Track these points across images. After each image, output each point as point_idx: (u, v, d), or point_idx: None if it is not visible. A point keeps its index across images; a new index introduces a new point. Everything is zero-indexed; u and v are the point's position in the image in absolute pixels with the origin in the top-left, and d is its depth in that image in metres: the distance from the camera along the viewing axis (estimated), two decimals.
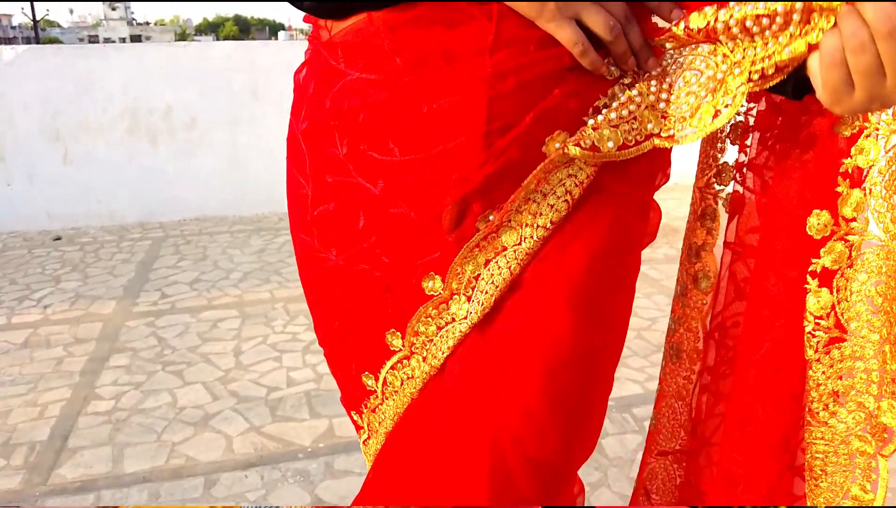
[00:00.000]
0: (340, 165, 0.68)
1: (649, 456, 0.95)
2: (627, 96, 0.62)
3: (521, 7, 0.59)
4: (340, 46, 0.67)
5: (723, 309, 0.83)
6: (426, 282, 0.67)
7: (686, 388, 0.90)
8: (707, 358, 0.86)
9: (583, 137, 0.60)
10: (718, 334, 0.84)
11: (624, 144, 0.62)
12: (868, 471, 0.73)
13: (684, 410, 0.91)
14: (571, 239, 0.64)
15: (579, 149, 0.60)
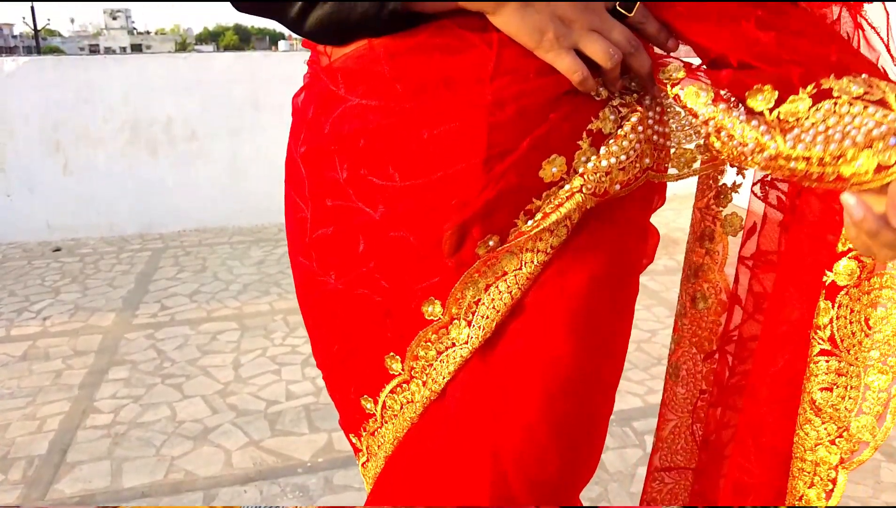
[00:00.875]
0: (340, 189, 0.68)
1: (655, 471, 0.96)
2: (630, 126, 0.62)
3: (519, 36, 0.60)
4: (341, 72, 0.67)
5: (740, 324, 0.84)
6: (426, 307, 0.67)
7: (700, 408, 0.91)
8: (720, 374, 0.86)
9: (599, 183, 0.61)
10: (735, 348, 0.85)
11: (626, 183, 0.63)
12: (827, 481, 0.73)
13: (693, 428, 0.92)
14: (571, 264, 0.65)
15: (595, 198, 0.62)
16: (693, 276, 0.86)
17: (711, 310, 0.86)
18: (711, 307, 0.86)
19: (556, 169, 0.62)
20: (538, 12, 0.59)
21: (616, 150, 0.62)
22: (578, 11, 0.60)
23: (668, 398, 0.94)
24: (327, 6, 0.62)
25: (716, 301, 0.86)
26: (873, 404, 0.68)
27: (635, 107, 0.63)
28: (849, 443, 0.71)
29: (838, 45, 0.59)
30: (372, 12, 0.60)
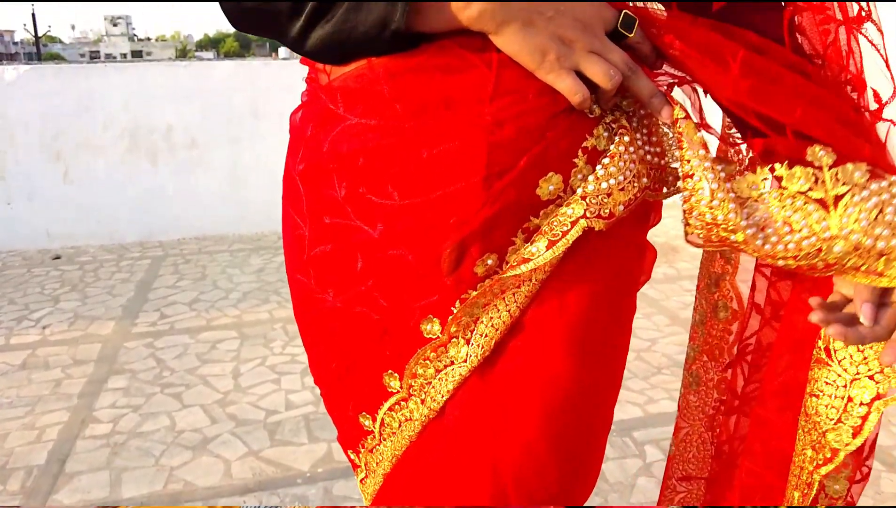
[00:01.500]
0: (339, 207, 0.68)
1: (670, 481, 0.96)
2: (623, 146, 0.63)
3: (520, 57, 0.60)
4: (340, 92, 0.67)
5: (757, 331, 0.84)
6: (424, 325, 0.67)
7: (715, 418, 0.91)
8: (735, 383, 0.87)
9: (602, 205, 0.62)
10: (752, 356, 0.85)
11: (628, 203, 0.63)
12: (806, 484, 0.74)
13: (704, 436, 0.92)
14: (570, 283, 0.65)
15: (603, 221, 0.62)
16: (714, 285, 0.87)
17: (725, 320, 0.87)
18: (729, 316, 0.87)
19: (552, 187, 0.63)
20: (540, 33, 0.59)
21: (614, 170, 0.62)
22: (579, 32, 0.60)
23: (682, 406, 0.95)
24: (328, 26, 0.62)
25: (730, 311, 0.87)
26: (853, 416, 0.68)
27: (626, 127, 0.64)
28: (822, 451, 0.71)
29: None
30: (374, 33, 0.60)
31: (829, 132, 0.59)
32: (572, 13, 0.60)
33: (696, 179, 0.60)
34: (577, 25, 0.60)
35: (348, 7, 0.60)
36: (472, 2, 0.58)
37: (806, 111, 0.60)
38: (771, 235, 0.59)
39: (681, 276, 3.44)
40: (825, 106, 0.61)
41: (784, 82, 0.61)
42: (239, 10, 0.67)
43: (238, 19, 0.69)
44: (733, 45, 0.60)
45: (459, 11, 0.59)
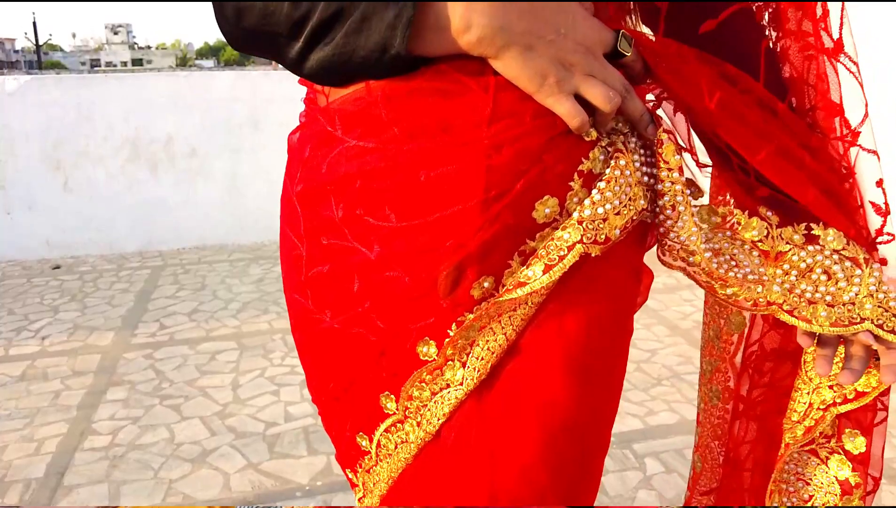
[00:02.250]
0: (336, 228, 0.68)
1: (693, 496, 0.97)
2: (619, 170, 0.63)
3: (520, 81, 0.60)
4: (338, 114, 0.67)
5: (760, 337, 0.85)
6: (421, 347, 0.66)
7: (721, 427, 0.92)
8: (740, 388, 0.88)
9: (597, 231, 0.62)
10: (755, 361, 0.86)
11: (625, 227, 0.63)
12: (780, 481, 0.79)
13: (721, 447, 0.93)
14: (567, 305, 0.65)
15: (599, 247, 0.62)
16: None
17: (749, 322, 0.88)
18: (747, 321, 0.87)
19: (549, 210, 0.63)
20: (540, 57, 0.59)
21: (610, 195, 0.62)
22: (579, 56, 0.60)
23: (705, 421, 0.95)
24: (328, 49, 0.62)
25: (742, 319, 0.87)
26: (808, 419, 0.74)
27: (622, 150, 0.64)
28: (792, 449, 0.77)
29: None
30: (374, 57, 0.60)
31: (785, 182, 0.65)
32: (573, 36, 0.60)
33: (666, 199, 0.64)
34: (579, 49, 0.60)
35: (348, 30, 0.60)
36: (472, 27, 0.58)
37: (769, 156, 0.65)
38: (723, 262, 0.67)
39: (680, 286, 3.44)
40: (788, 155, 0.65)
41: (754, 122, 0.64)
42: (238, 31, 0.67)
43: (236, 40, 0.69)
44: (713, 81, 0.63)
45: (459, 36, 0.59)
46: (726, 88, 0.64)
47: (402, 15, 0.58)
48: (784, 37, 0.71)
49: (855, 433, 0.76)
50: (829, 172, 0.68)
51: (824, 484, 0.77)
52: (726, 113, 0.64)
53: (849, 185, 0.70)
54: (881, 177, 0.68)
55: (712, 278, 0.67)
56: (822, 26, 0.68)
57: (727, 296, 0.68)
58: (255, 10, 0.63)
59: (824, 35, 0.67)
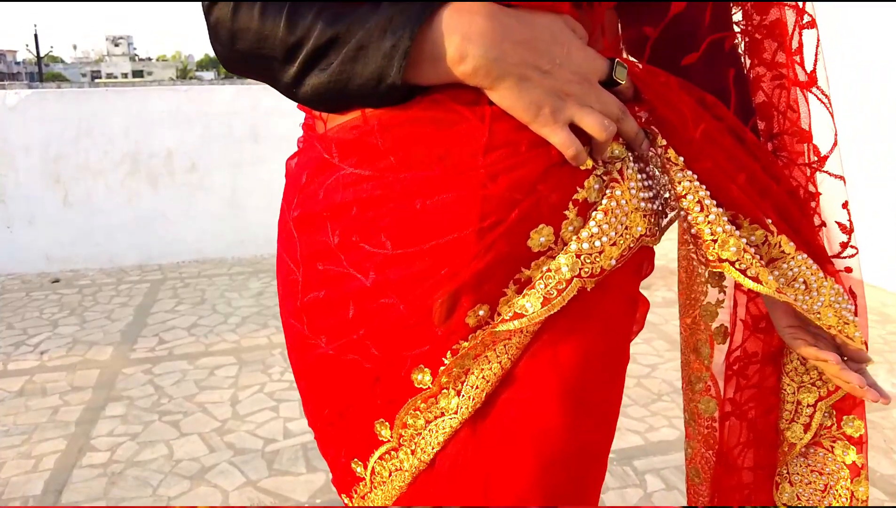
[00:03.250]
0: (332, 255, 0.68)
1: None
2: (615, 201, 0.63)
3: (515, 111, 0.60)
4: (335, 142, 0.67)
5: (742, 343, 0.86)
6: (415, 374, 0.66)
7: (712, 436, 0.92)
8: (727, 391, 0.89)
9: (594, 264, 0.62)
10: (739, 364, 0.87)
11: (622, 256, 0.63)
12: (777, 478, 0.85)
13: (711, 456, 0.94)
14: (563, 334, 0.65)
15: (593, 280, 0.63)
16: (710, 317, 0.87)
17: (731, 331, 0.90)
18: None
19: (543, 239, 0.63)
20: (536, 88, 0.60)
21: (606, 228, 0.63)
22: (575, 86, 0.61)
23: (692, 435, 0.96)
24: (324, 75, 0.62)
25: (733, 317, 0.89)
26: (802, 415, 0.78)
27: (617, 179, 0.64)
28: (784, 445, 0.81)
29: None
30: (370, 86, 0.60)
31: (751, 207, 0.68)
32: (569, 67, 0.61)
33: (690, 198, 0.65)
34: (574, 79, 0.61)
35: (344, 58, 0.60)
36: (468, 58, 0.58)
37: (744, 183, 0.67)
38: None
39: None
40: (755, 181, 0.68)
41: (729, 150, 0.67)
42: (232, 54, 0.67)
43: (230, 63, 0.69)
44: (695, 110, 0.66)
45: (454, 66, 0.59)
46: (706, 118, 0.66)
47: (398, 46, 0.58)
48: (758, 65, 0.75)
49: (852, 418, 0.79)
50: (787, 197, 0.71)
51: (835, 471, 0.80)
52: (707, 141, 0.66)
53: (812, 206, 0.74)
54: (846, 200, 0.75)
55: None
56: (796, 60, 0.71)
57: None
58: (250, 33, 0.63)
59: (798, 68, 0.70)
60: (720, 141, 0.67)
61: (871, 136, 3.77)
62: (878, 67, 3.73)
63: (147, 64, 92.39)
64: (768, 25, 0.73)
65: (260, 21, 0.63)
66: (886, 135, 3.72)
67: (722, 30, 0.71)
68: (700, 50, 0.68)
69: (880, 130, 3.75)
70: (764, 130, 0.76)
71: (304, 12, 0.62)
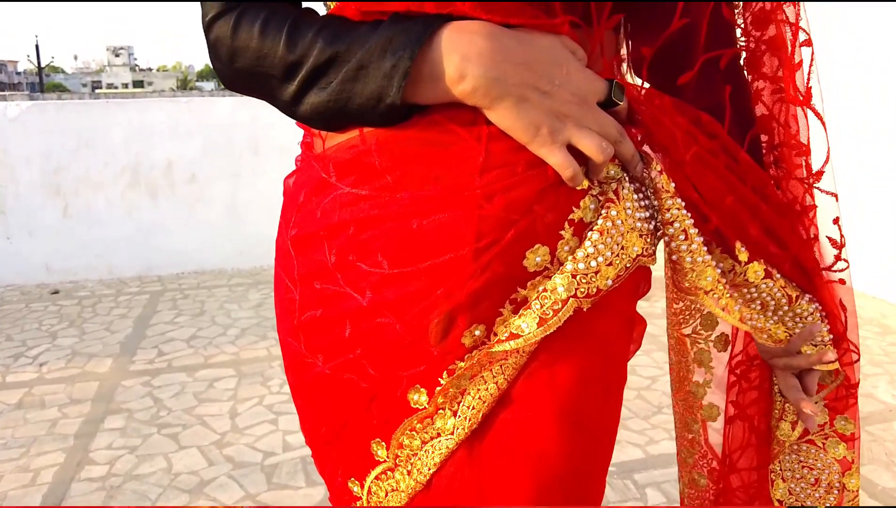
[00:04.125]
0: (329, 274, 0.68)
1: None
2: (611, 221, 0.63)
3: (513, 131, 0.60)
4: (332, 161, 0.67)
5: (744, 348, 0.87)
6: (412, 395, 0.66)
7: (700, 451, 0.94)
8: (730, 394, 0.90)
9: (589, 284, 0.62)
10: (741, 369, 0.88)
11: (618, 276, 0.63)
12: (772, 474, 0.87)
13: (704, 467, 0.95)
14: (560, 355, 0.65)
15: (589, 300, 0.62)
16: (709, 325, 0.89)
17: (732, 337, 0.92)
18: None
19: (539, 258, 0.63)
20: (534, 108, 0.60)
21: (602, 247, 0.62)
22: (573, 107, 0.61)
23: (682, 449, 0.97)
24: (324, 94, 0.62)
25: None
26: (789, 413, 0.81)
27: (613, 200, 0.64)
28: (773, 443, 0.84)
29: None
30: (369, 105, 0.61)
31: (739, 227, 0.69)
32: (567, 88, 0.61)
33: (676, 225, 0.66)
34: (573, 100, 0.61)
35: (344, 77, 0.61)
36: (467, 77, 0.59)
37: (733, 203, 0.68)
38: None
39: None
40: (745, 202, 0.69)
41: (720, 171, 0.68)
42: (231, 71, 0.67)
43: (229, 80, 0.69)
44: (688, 132, 0.66)
45: (453, 86, 0.59)
46: (700, 140, 0.67)
47: (398, 66, 0.58)
48: (758, 79, 0.76)
49: (844, 418, 0.81)
50: (776, 215, 0.71)
51: (826, 465, 0.82)
52: (699, 163, 0.66)
53: (809, 217, 0.76)
54: (838, 215, 0.77)
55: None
56: (794, 76, 0.72)
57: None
58: (249, 51, 0.64)
59: (796, 84, 0.72)
60: (712, 163, 0.67)
61: (873, 145, 3.78)
62: (878, 66, 3.73)
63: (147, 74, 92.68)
64: (767, 41, 0.74)
65: (259, 39, 0.63)
66: (887, 142, 3.72)
67: (724, 45, 0.71)
68: (695, 69, 0.68)
69: (881, 132, 3.75)
70: (766, 142, 0.77)
71: (304, 31, 0.63)
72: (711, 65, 0.70)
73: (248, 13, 0.65)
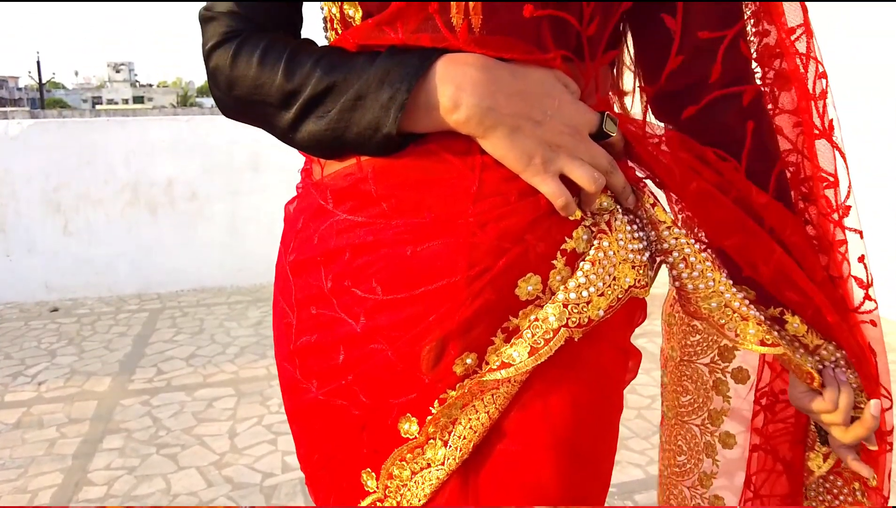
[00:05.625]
0: (325, 299, 0.69)
1: None
2: (603, 252, 0.64)
3: (507, 160, 0.62)
4: (330, 188, 0.68)
5: (769, 383, 0.88)
6: (402, 424, 0.66)
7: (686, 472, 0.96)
8: (755, 422, 0.91)
9: (581, 314, 0.63)
10: (766, 401, 0.89)
11: (610, 306, 0.64)
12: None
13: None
14: (554, 386, 0.65)
15: (581, 330, 0.63)
16: (725, 356, 0.89)
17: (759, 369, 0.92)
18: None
19: (531, 287, 0.63)
20: (527, 138, 0.61)
21: (594, 278, 0.63)
22: (566, 137, 0.62)
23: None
24: (322, 123, 0.63)
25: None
26: (821, 447, 0.80)
27: (605, 231, 0.65)
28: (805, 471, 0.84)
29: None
30: (367, 134, 0.62)
31: (751, 265, 0.69)
32: (560, 119, 0.62)
33: (676, 255, 0.67)
34: (565, 130, 0.62)
35: (343, 106, 0.62)
36: (461, 106, 0.60)
37: (740, 239, 0.69)
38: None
39: None
40: (756, 236, 0.69)
41: (726, 209, 0.68)
42: (229, 99, 0.69)
43: (228, 108, 0.71)
44: (690, 168, 0.67)
45: (448, 115, 0.61)
46: (704, 173, 0.67)
47: (395, 97, 0.60)
48: (780, 113, 0.75)
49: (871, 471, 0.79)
50: (788, 258, 0.70)
51: (849, 493, 0.81)
52: (702, 198, 0.67)
53: (841, 252, 0.73)
54: (863, 254, 0.73)
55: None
56: (818, 107, 0.71)
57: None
58: (248, 80, 0.66)
59: (815, 118, 0.71)
60: (718, 198, 0.67)
61: (873, 145, 3.78)
62: (878, 66, 3.73)
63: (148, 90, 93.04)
64: (783, 75, 0.73)
65: (258, 68, 0.65)
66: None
67: (739, 79, 0.71)
68: (700, 104, 0.69)
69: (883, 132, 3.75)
70: (792, 177, 0.76)
71: (302, 61, 0.64)
72: (730, 101, 0.71)
73: (248, 43, 0.67)
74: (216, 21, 0.68)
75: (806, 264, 0.71)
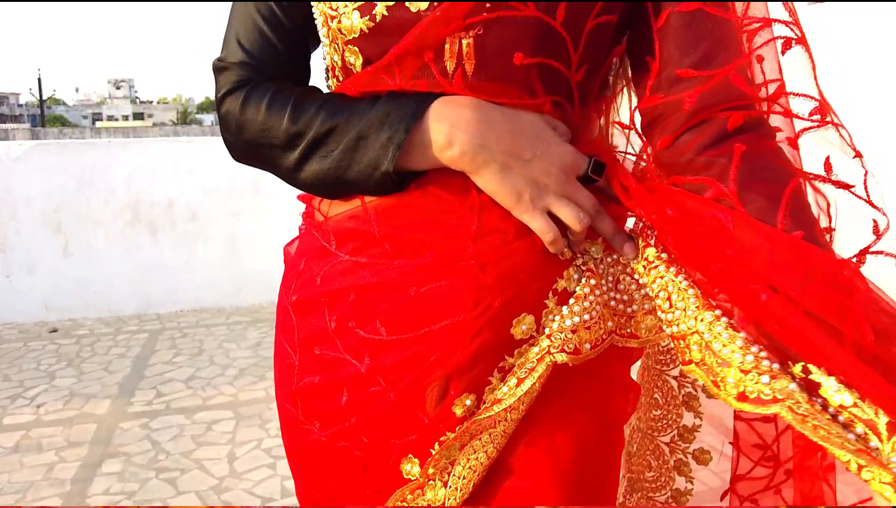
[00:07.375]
0: (328, 339, 0.71)
1: None
2: (589, 288, 0.66)
3: (498, 196, 0.64)
4: (333, 230, 0.71)
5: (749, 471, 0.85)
6: (404, 465, 0.68)
7: None
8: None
9: (566, 341, 0.64)
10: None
11: (595, 343, 0.66)
12: None
13: None
14: (557, 423, 0.67)
15: (565, 355, 0.64)
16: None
17: None
18: None
19: (525, 327, 0.65)
20: (516, 176, 0.64)
21: (578, 310, 0.65)
22: (553, 178, 0.65)
23: None
24: (326, 162, 0.67)
25: None
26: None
27: (592, 270, 0.67)
28: None
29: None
30: (366, 173, 0.65)
31: (735, 295, 0.64)
32: (548, 159, 0.65)
33: (662, 295, 0.66)
34: (552, 170, 0.65)
35: (345, 147, 0.65)
36: (455, 143, 0.63)
37: (723, 268, 0.63)
38: None
39: None
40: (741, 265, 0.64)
41: (712, 241, 0.63)
42: (238, 142, 0.73)
43: (237, 151, 0.75)
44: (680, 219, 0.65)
45: (442, 152, 0.64)
46: (697, 233, 0.64)
47: (394, 138, 0.63)
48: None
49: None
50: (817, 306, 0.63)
51: None
52: (688, 243, 0.64)
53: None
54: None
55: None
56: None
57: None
58: (256, 124, 0.69)
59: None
60: (705, 238, 0.65)
61: (873, 145, 3.77)
62: (878, 66, 3.75)
63: (148, 106, 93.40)
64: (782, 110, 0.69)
65: (266, 113, 0.69)
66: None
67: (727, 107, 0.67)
68: (678, 133, 0.66)
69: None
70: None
71: (307, 106, 0.68)
72: (714, 125, 0.67)
73: (257, 90, 0.70)
74: (228, 70, 0.72)
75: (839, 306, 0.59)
